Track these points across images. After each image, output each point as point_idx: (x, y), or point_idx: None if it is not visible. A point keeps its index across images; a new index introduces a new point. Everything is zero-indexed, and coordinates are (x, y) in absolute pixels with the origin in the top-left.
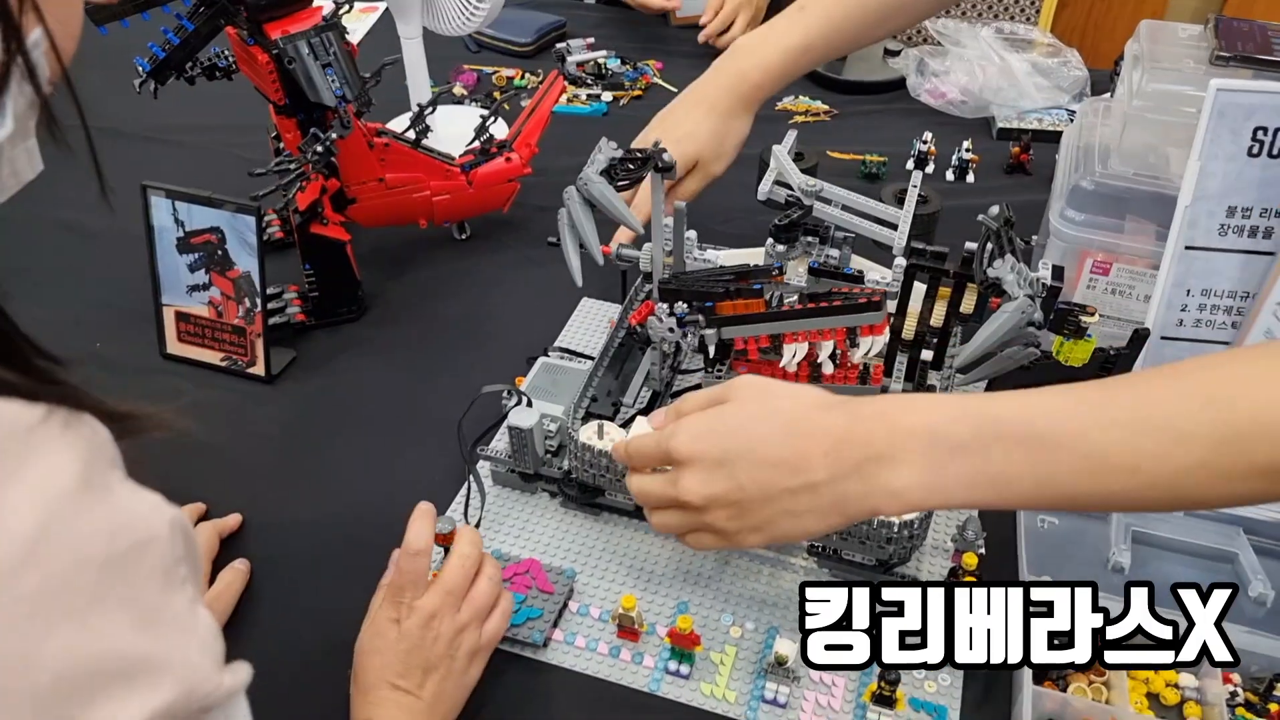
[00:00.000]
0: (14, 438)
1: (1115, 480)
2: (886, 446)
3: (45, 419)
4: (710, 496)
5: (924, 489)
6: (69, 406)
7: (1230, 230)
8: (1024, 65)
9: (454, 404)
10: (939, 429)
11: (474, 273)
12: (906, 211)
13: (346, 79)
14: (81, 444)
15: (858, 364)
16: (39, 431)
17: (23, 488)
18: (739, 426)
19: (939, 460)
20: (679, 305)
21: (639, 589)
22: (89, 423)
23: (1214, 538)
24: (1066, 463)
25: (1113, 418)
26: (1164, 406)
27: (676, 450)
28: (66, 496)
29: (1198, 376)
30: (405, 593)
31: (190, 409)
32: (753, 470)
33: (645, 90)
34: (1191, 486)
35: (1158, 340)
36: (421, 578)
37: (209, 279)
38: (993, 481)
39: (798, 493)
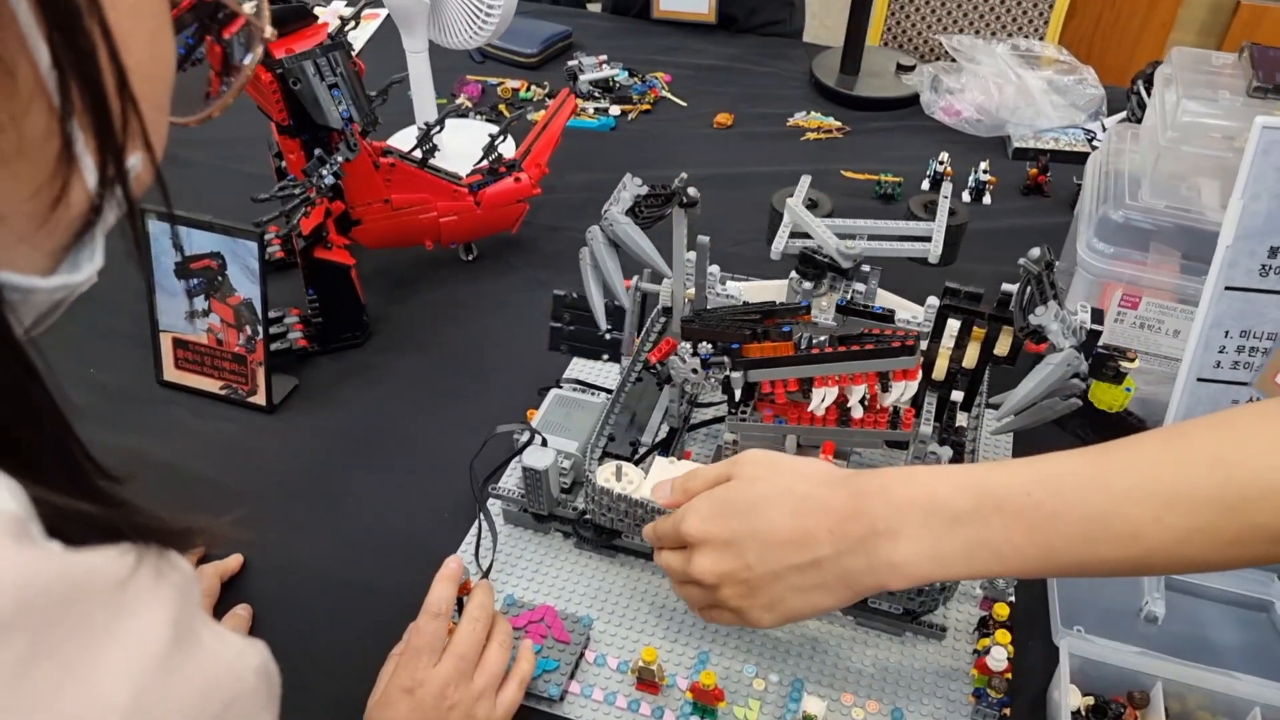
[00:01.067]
0: (107, 595)
1: (1116, 548)
2: (887, 521)
3: (136, 570)
4: (720, 574)
5: (926, 561)
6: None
7: (1272, 271)
8: (1040, 83)
9: (462, 435)
10: (939, 500)
11: (482, 296)
12: (939, 223)
13: (353, 100)
14: (171, 593)
15: (887, 407)
16: (131, 586)
17: (116, 652)
18: (746, 507)
19: (938, 532)
20: (703, 345)
21: (658, 637)
22: (173, 563)
23: (1249, 586)
24: (1066, 532)
25: (1113, 484)
26: (1167, 470)
27: (688, 533)
28: (159, 660)
29: (1202, 439)
30: (423, 655)
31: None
32: (760, 549)
33: (654, 104)
34: (1194, 553)
35: (1194, 382)
36: (440, 641)
37: (208, 305)
38: (995, 552)
39: (804, 569)
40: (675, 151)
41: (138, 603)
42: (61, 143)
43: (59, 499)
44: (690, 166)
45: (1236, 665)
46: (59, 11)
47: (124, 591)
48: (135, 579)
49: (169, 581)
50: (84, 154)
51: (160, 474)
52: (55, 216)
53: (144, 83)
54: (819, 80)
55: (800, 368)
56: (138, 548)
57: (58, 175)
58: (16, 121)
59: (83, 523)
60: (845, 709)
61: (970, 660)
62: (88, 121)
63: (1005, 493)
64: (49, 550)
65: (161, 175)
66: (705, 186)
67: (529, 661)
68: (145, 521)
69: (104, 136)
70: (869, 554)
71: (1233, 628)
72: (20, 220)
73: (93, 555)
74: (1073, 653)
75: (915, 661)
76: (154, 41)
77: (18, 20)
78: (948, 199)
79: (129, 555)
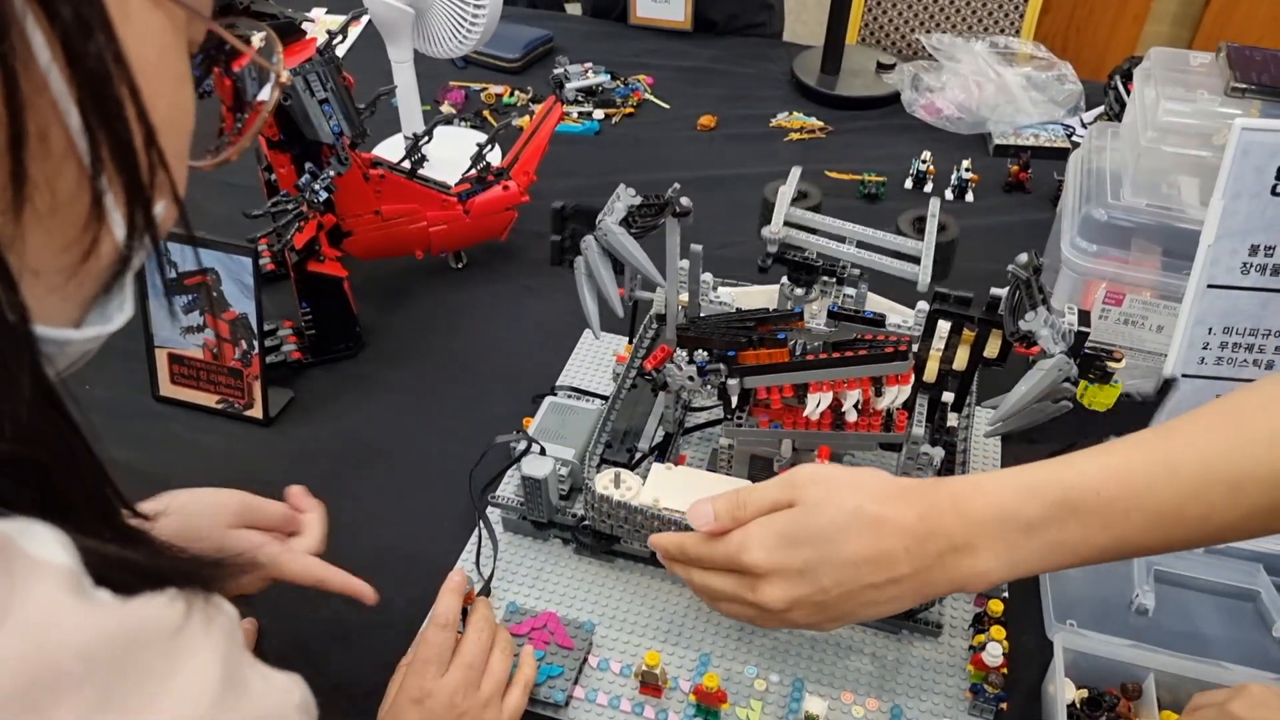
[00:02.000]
0: (163, 644)
1: (1189, 530)
2: (963, 537)
3: (188, 617)
4: (793, 600)
5: (1004, 568)
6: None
7: (1253, 269)
8: (1019, 80)
9: (458, 444)
10: (1009, 511)
11: (473, 304)
12: (928, 244)
13: (344, 115)
14: (220, 638)
15: (881, 410)
16: (184, 633)
17: (174, 698)
18: (816, 533)
19: (1014, 542)
20: (699, 353)
21: (659, 640)
22: (219, 606)
23: (1236, 576)
24: (1140, 523)
25: (1179, 473)
26: (1228, 455)
27: (755, 566)
28: (213, 702)
29: (1256, 420)
30: (430, 666)
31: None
32: (836, 573)
33: (637, 107)
34: (1259, 525)
35: (1179, 378)
36: (447, 652)
37: (203, 321)
38: (1071, 551)
39: (882, 586)
40: (660, 154)
41: (190, 648)
42: (91, 198)
43: (104, 547)
44: (675, 169)
45: (1225, 654)
46: (90, 77)
47: (178, 638)
48: (187, 626)
49: (217, 626)
50: (112, 208)
51: (158, 489)
52: (85, 268)
53: (167, 135)
54: (800, 80)
55: (795, 374)
56: (185, 593)
57: (88, 229)
58: (50, 182)
59: (127, 570)
60: (846, 707)
61: (966, 656)
62: (116, 177)
63: (1076, 495)
64: (106, 603)
65: (184, 211)
66: (690, 189)
67: (531, 667)
68: (180, 562)
69: (133, 190)
70: (947, 569)
71: (1221, 618)
72: (52, 274)
73: (147, 605)
74: (1066, 647)
75: (913, 659)
76: (176, 95)
77: (50, 88)
78: (936, 217)
79: (179, 602)
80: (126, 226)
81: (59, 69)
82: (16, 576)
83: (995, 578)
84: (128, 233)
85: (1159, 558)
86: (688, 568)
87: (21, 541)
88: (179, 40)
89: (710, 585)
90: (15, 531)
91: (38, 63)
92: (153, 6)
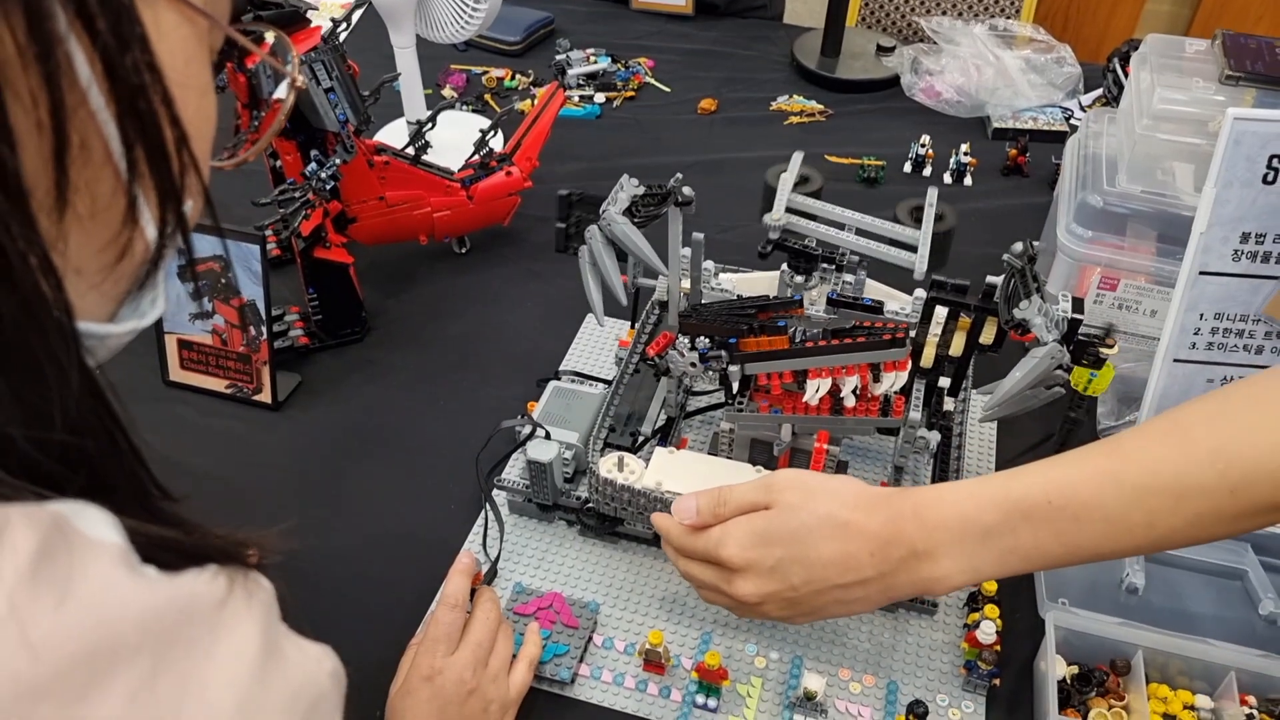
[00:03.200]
0: (209, 615)
1: (1133, 537)
2: (924, 543)
3: (230, 590)
4: (765, 595)
5: (962, 574)
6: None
7: (1244, 256)
8: (1018, 63)
9: (464, 427)
10: (969, 519)
11: (477, 288)
12: (925, 232)
13: (349, 103)
14: (260, 610)
15: (879, 396)
16: (228, 605)
17: (220, 666)
18: (788, 534)
19: (971, 548)
20: (700, 340)
21: (662, 619)
22: (258, 580)
23: (1224, 556)
24: (1088, 531)
25: (1125, 483)
26: (1172, 466)
27: (730, 560)
28: (255, 671)
29: (1200, 431)
30: (440, 645)
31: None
32: (804, 572)
33: (638, 90)
34: (1203, 531)
35: (1170, 363)
36: (458, 631)
37: (212, 307)
38: (1024, 557)
39: (849, 587)
40: (661, 138)
41: (233, 620)
42: (127, 201)
43: (146, 528)
44: (676, 153)
45: (1213, 632)
46: (127, 89)
47: (222, 611)
48: (230, 599)
49: (257, 599)
50: (145, 209)
51: (169, 473)
52: (121, 266)
53: (194, 141)
54: (800, 63)
55: (795, 360)
56: (226, 569)
57: (124, 230)
58: (90, 186)
59: (169, 548)
60: (843, 684)
61: (961, 634)
62: (150, 181)
63: (1029, 504)
64: (155, 578)
65: (213, 206)
66: (691, 173)
67: (536, 645)
68: (214, 540)
69: (165, 192)
70: (910, 572)
71: (1209, 596)
72: (92, 273)
73: (194, 580)
74: (1058, 625)
75: (909, 637)
76: (201, 102)
77: (89, 100)
78: (934, 206)
79: (221, 577)
80: (158, 226)
81: (98, 82)
82: (75, 554)
83: (955, 582)
84: (159, 231)
85: None
86: (675, 554)
87: (76, 521)
88: (203, 50)
89: (692, 573)
90: (70, 513)
91: (79, 77)
92: (182, 20)
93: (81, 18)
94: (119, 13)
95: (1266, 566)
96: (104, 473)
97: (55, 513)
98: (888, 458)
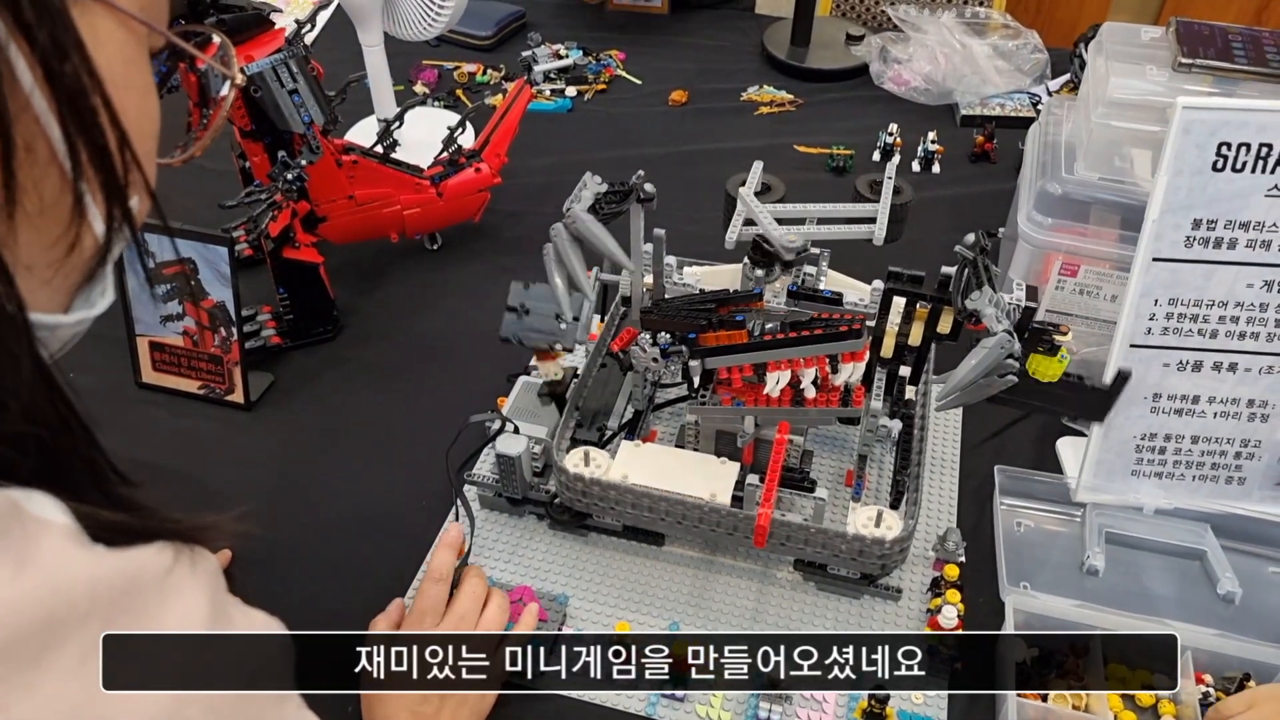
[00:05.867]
0: (156, 584)
1: None
2: None
3: (176, 561)
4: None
5: None
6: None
7: (1196, 242)
8: (985, 49)
9: (435, 423)
10: None
11: (448, 284)
12: (884, 205)
13: (315, 104)
14: (206, 579)
15: (839, 386)
16: (174, 574)
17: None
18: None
19: None
20: (662, 335)
21: (630, 611)
22: (202, 554)
23: (1184, 536)
24: None
25: None
26: None
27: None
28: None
29: None
30: (426, 617)
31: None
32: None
33: (609, 84)
34: None
35: (1128, 347)
36: (442, 603)
37: (182, 309)
38: None
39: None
40: (632, 131)
41: (180, 587)
42: (73, 198)
43: (98, 513)
44: (647, 145)
45: (1172, 612)
46: (67, 93)
47: (169, 579)
48: (176, 568)
49: (201, 569)
50: (92, 206)
51: (143, 474)
52: (70, 260)
53: (137, 139)
54: (771, 53)
55: (753, 354)
56: (173, 545)
57: (72, 226)
58: (38, 186)
59: (118, 530)
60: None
61: (924, 619)
62: (95, 179)
63: None
64: (104, 552)
65: (159, 205)
66: (662, 165)
67: (531, 620)
68: (166, 523)
69: (110, 189)
70: None
71: (1169, 576)
72: (42, 267)
73: (140, 552)
74: (1018, 608)
75: (873, 622)
76: (143, 103)
77: (32, 105)
78: (892, 179)
79: (167, 550)
80: (105, 221)
81: (40, 88)
82: (28, 531)
83: None
84: (106, 227)
85: (1110, 520)
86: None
87: (27, 505)
88: (142, 53)
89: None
90: (20, 497)
91: (21, 84)
92: (118, 25)
93: (20, 28)
94: (55, 21)
95: (1225, 547)
96: (60, 459)
97: (6, 496)
98: (853, 447)
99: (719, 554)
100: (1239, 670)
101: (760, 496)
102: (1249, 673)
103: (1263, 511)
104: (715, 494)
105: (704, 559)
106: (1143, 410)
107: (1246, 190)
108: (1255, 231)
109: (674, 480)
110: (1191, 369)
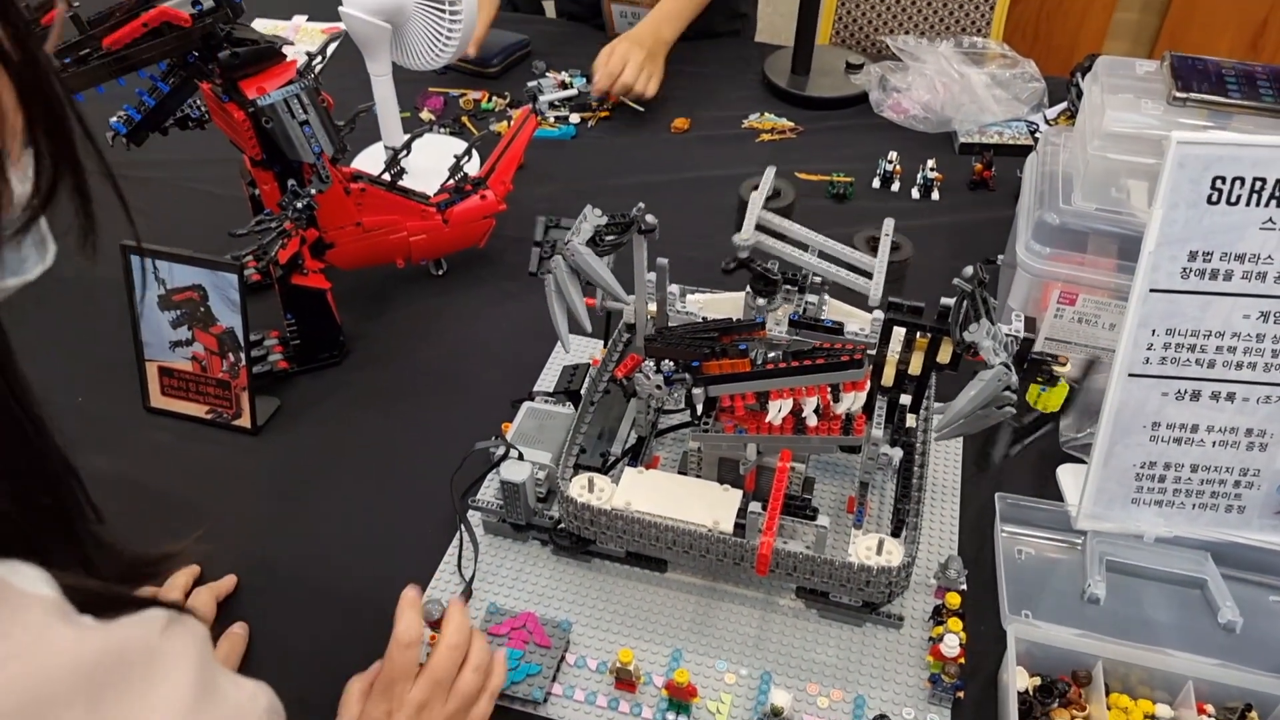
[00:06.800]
0: (142, 660)
1: None
2: None
3: (163, 635)
4: None
5: None
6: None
7: (1192, 273)
8: (983, 78)
9: (440, 449)
10: None
11: (453, 309)
12: (881, 260)
13: (324, 135)
14: (193, 652)
15: (840, 415)
16: (161, 650)
17: (152, 710)
18: None
19: None
20: (665, 363)
21: (633, 638)
22: (190, 624)
23: (1184, 564)
24: None
25: None
26: None
27: None
28: (190, 710)
29: None
30: (396, 685)
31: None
32: None
33: (613, 110)
34: None
35: (1126, 377)
36: (412, 669)
37: (192, 335)
38: None
39: None
40: (635, 158)
41: (166, 663)
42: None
43: (85, 583)
44: (650, 172)
45: (1173, 641)
46: None
47: (156, 653)
48: (163, 643)
49: (189, 640)
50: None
51: (150, 498)
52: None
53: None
54: (771, 81)
55: (756, 382)
56: (162, 614)
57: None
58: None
59: (105, 600)
60: (811, 699)
61: (926, 647)
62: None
63: None
64: (90, 626)
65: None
66: (665, 191)
67: (499, 676)
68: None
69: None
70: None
71: (1170, 605)
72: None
73: (127, 626)
74: (1019, 637)
75: (875, 650)
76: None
77: None
78: (890, 236)
79: (155, 622)
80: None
81: None
82: (11, 607)
83: None
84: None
85: (1111, 547)
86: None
87: (11, 579)
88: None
89: None
90: (5, 571)
91: None
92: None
93: None
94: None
95: (1226, 576)
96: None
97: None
98: (854, 474)
99: (721, 581)
100: (1240, 700)
101: (763, 525)
102: (1250, 703)
103: (1262, 540)
104: (718, 521)
105: (706, 586)
106: (1142, 439)
107: (1241, 223)
108: (1251, 263)
109: (677, 507)
110: (1190, 398)
